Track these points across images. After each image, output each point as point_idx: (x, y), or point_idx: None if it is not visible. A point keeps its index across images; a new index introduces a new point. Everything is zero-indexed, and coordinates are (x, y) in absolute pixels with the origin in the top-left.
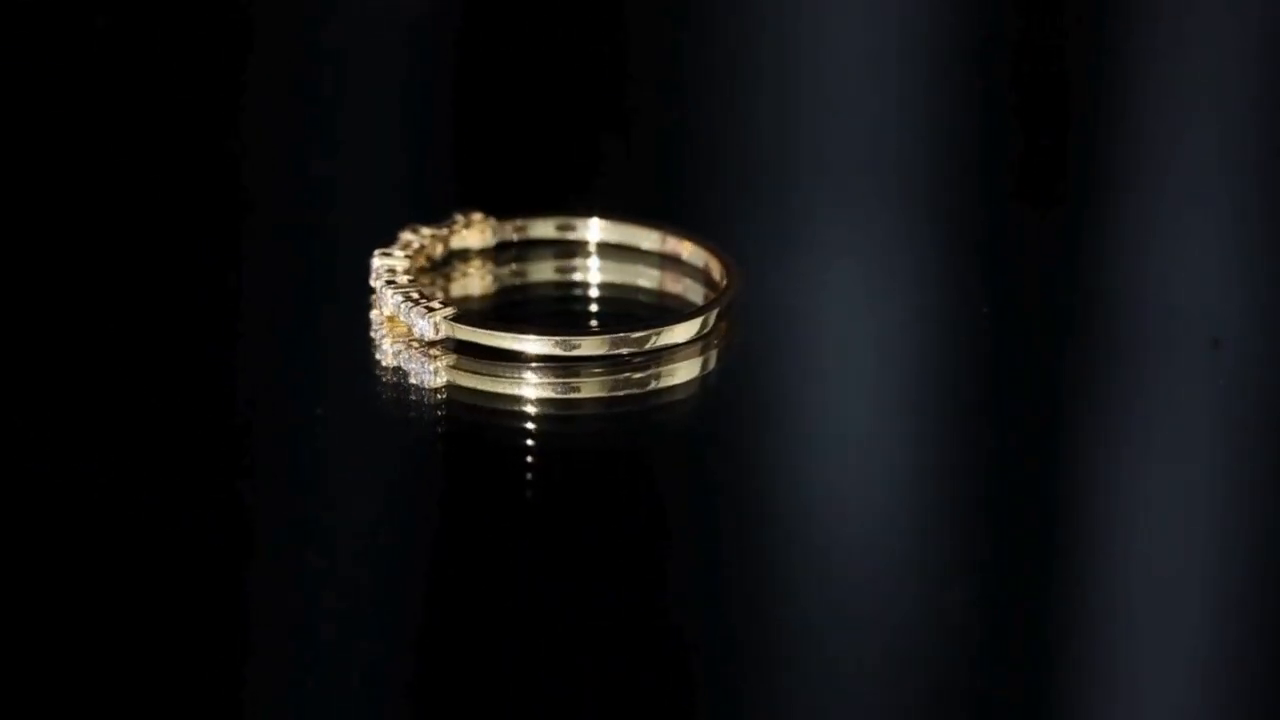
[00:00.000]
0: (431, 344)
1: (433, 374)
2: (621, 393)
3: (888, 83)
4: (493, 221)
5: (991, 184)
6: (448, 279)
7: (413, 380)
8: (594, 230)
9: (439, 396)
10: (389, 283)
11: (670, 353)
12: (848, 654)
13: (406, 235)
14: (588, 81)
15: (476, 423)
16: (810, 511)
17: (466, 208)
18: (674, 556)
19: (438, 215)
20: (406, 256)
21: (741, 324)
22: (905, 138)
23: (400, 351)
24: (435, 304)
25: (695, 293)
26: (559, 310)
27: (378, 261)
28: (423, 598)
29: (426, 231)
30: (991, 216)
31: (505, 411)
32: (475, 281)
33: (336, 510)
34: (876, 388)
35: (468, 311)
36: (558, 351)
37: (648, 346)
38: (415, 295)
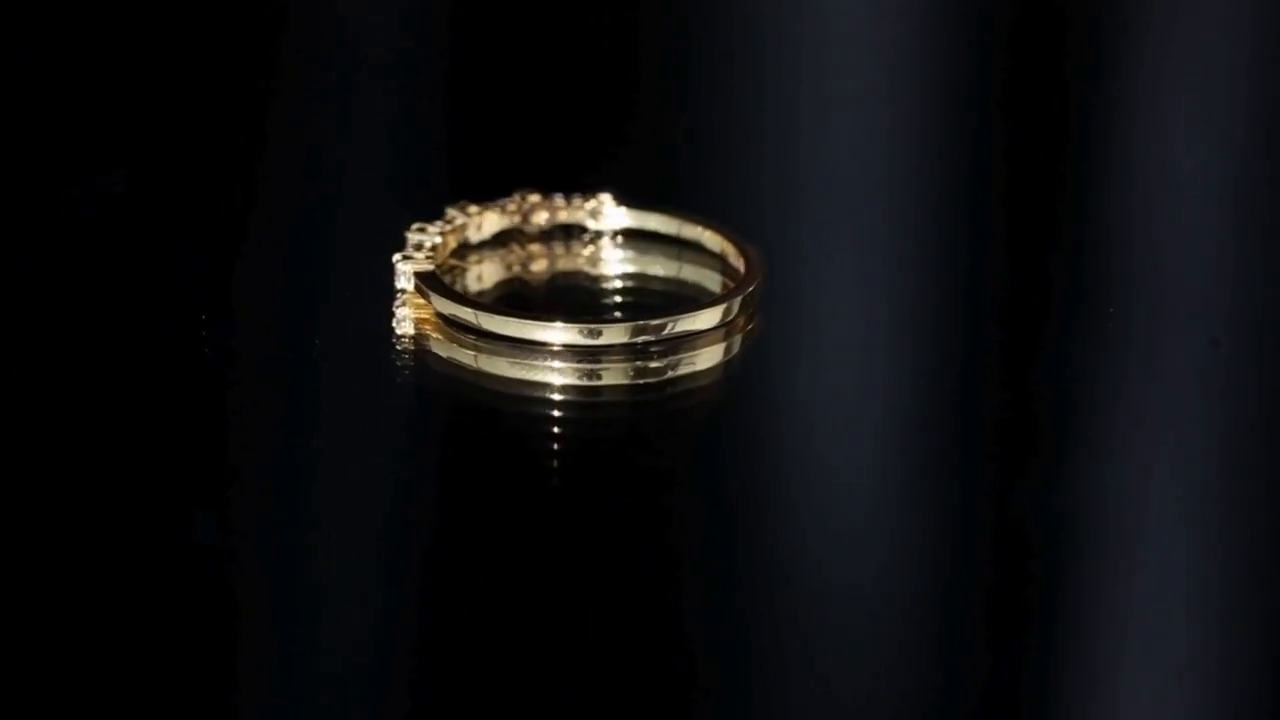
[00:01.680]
0: (411, 292)
1: (400, 320)
2: (643, 380)
3: (913, 70)
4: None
5: (1004, 178)
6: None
7: (393, 324)
8: (613, 218)
9: (404, 343)
10: (419, 229)
11: (692, 340)
12: (868, 642)
13: (514, 198)
14: (606, 68)
15: (497, 409)
16: (830, 499)
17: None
18: (693, 544)
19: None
20: (468, 214)
21: (763, 311)
22: (929, 126)
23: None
24: (419, 255)
25: (713, 281)
26: (578, 298)
27: (450, 211)
28: (442, 585)
29: (536, 198)
30: (1005, 210)
31: (527, 398)
32: (535, 264)
33: (351, 495)
34: (898, 376)
35: (492, 292)
36: (581, 340)
37: (670, 334)
38: (421, 244)
